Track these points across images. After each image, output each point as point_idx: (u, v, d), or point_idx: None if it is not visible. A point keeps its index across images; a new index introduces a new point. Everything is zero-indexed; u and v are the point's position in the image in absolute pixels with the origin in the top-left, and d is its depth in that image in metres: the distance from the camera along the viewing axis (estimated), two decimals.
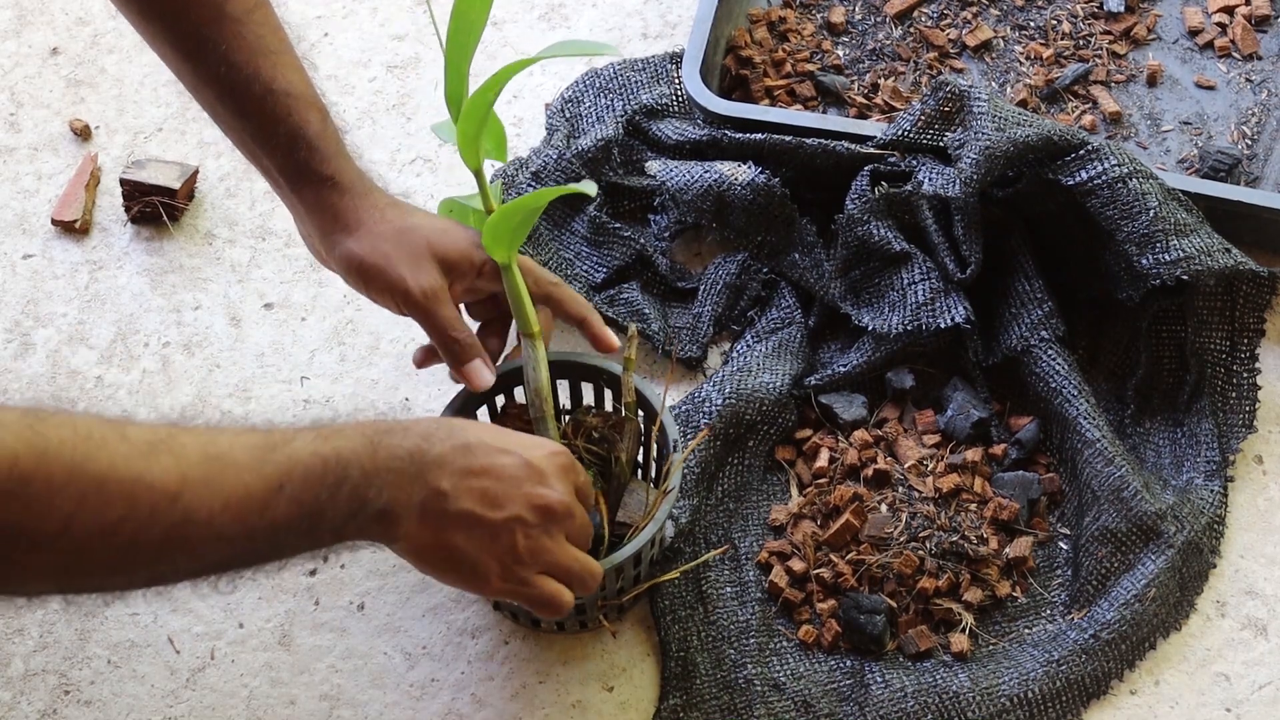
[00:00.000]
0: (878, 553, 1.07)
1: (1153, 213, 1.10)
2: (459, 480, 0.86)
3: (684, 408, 1.13)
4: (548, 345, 1.04)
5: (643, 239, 1.23)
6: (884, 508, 1.09)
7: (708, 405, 1.12)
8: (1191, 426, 1.14)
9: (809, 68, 1.33)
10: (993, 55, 1.35)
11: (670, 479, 0.99)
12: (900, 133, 1.17)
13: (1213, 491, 1.11)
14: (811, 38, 1.36)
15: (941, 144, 1.16)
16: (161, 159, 1.29)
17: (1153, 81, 1.33)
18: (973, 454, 1.11)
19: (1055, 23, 1.36)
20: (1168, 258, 1.09)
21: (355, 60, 1.38)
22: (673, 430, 1.01)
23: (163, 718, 1.04)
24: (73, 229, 1.27)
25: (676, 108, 1.30)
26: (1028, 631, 1.07)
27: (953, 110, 1.16)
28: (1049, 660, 1.04)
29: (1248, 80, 1.33)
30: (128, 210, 1.27)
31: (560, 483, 0.90)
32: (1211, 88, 1.32)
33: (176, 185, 1.26)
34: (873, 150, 1.18)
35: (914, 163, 1.16)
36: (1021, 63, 1.34)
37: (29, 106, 1.35)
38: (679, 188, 1.20)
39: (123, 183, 1.27)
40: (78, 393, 1.19)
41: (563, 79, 1.35)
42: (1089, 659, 1.04)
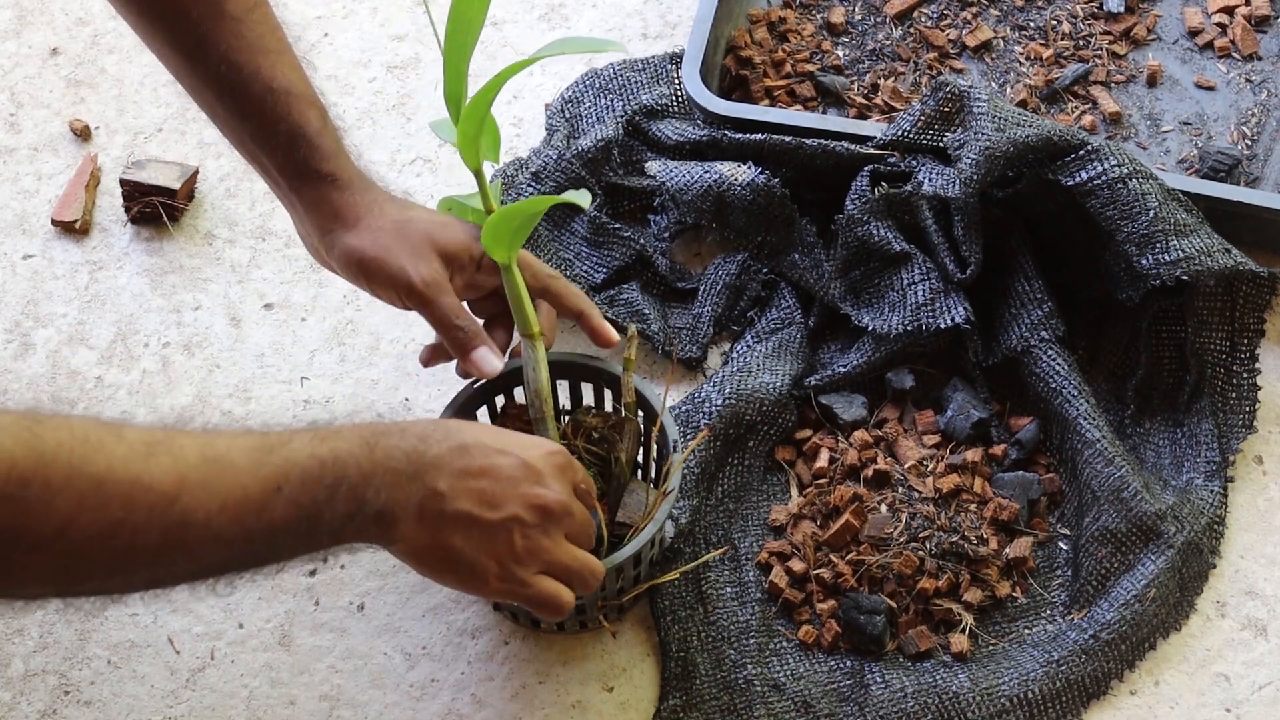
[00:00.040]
0: (878, 553, 1.07)
1: (1153, 213, 1.10)
2: (456, 481, 0.86)
3: (684, 408, 1.13)
4: (550, 346, 1.04)
5: (643, 239, 1.23)
6: (884, 508, 1.09)
7: (708, 405, 1.12)
8: (1191, 427, 1.14)
9: (809, 68, 1.33)
10: (993, 55, 1.35)
11: (670, 479, 0.99)
12: (900, 133, 1.17)
13: (1213, 492, 1.11)
14: (811, 38, 1.36)
15: (941, 144, 1.16)
16: (161, 159, 1.29)
17: (1153, 82, 1.33)
18: (973, 454, 1.11)
19: (1055, 23, 1.36)
20: (1168, 258, 1.09)
21: (355, 60, 1.38)
22: (673, 431, 1.01)
23: (163, 718, 1.04)
24: (73, 229, 1.27)
25: (676, 108, 1.30)
26: (1028, 632, 1.07)
27: (953, 110, 1.16)
28: (1049, 660, 1.04)
29: (1248, 80, 1.33)
30: (128, 210, 1.27)
31: (557, 482, 0.90)
32: (1211, 88, 1.32)
33: (176, 185, 1.26)
34: (873, 150, 1.18)
35: (914, 163, 1.16)
36: (1021, 63, 1.34)
37: (29, 106, 1.35)
38: (679, 188, 1.20)
39: (123, 183, 1.27)
40: (78, 393, 1.19)
41: (563, 79, 1.35)
42: (1089, 659, 1.04)
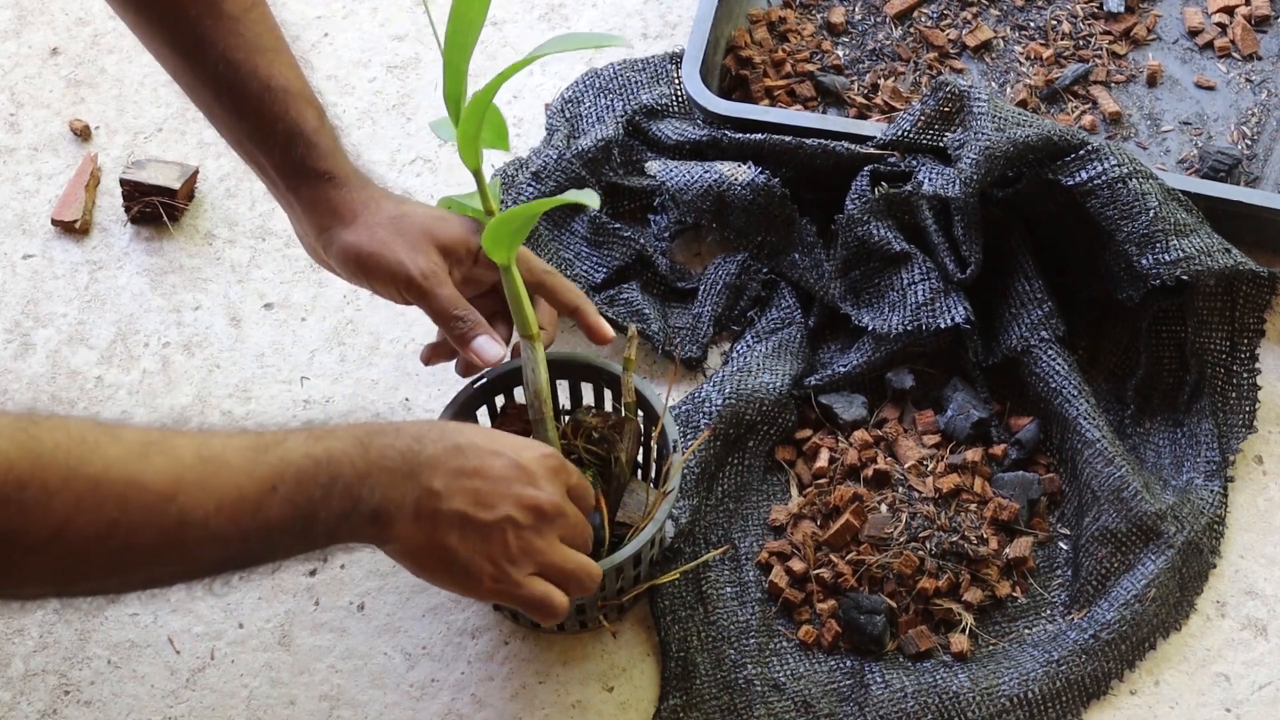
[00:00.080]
0: (878, 553, 1.07)
1: (1153, 213, 1.10)
2: (451, 481, 0.86)
3: (684, 408, 1.13)
4: (551, 342, 1.04)
5: (643, 239, 1.23)
6: (884, 508, 1.09)
7: (708, 405, 1.12)
8: (1191, 426, 1.14)
9: (809, 68, 1.33)
10: (993, 55, 1.35)
11: (670, 479, 0.99)
12: (900, 133, 1.17)
13: (1213, 492, 1.11)
14: (811, 38, 1.36)
15: (941, 144, 1.16)
16: (161, 159, 1.29)
17: (1153, 82, 1.33)
18: (973, 454, 1.11)
19: (1055, 23, 1.36)
20: (1168, 258, 1.09)
21: (355, 60, 1.38)
22: (673, 431, 1.01)
23: (163, 718, 1.04)
24: (73, 229, 1.27)
25: (676, 108, 1.30)
26: (1028, 632, 1.07)
27: (953, 110, 1.16)
28: (1049, 660, 1.04)
29: (1248, 80, 1.33)
30: (128, 210, 1.27)
31: (550, 484, 0.90)
32: (1211, 88, 1.32)
33: (176, 185, 1.26)
34: (873, 150, 1.18)
35: (914, 163, 1.16)
36: (1021, 63, 1.34)
37: (29, 106, 1.35)
38: (679, 188, 1.20)
39: (123, 183, 1.27)
40: (77, 393, 1.19)
41: (563, 79, 1.35)
42: (1089, 659, 1.04)
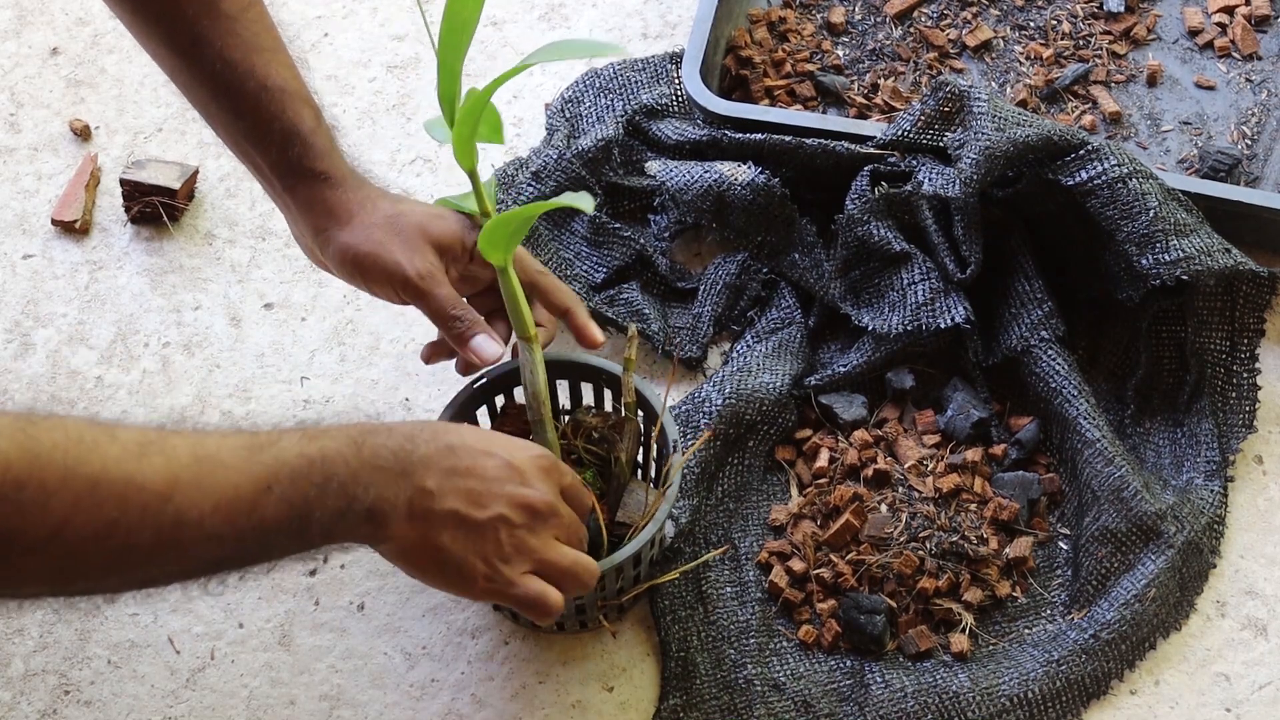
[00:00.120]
0: (878, 553, 1.07)
1: (1153, 213, 1.10)
2: (444, 480, 0.86)
3: (684, 408, 1.13)
4: (550, 340, 1.04)
5: (643, 239, 1.23)
6: (884, 508, 1.09)
7: (708, 405, 1.12)
8: (1191, 426, 1.14)
9: (809, 68, 1.33)
10: (993, 55, 1.35)
11: (670, 479, 0.99)
12: (900, 133, 1.17)
13: (1213, 491, 1.11)
14: (811, 38, 1.36)
15: (941, 144, 1.16)
16: (161, 159, 1.29)
17: (1153, 81, 1.33)
18: (973, 454, 1.11)
19: (1055, 23, 1.36)
20: (1168, 258, 1.09)
21: (355, 60, 1.38)
22: (673, 431, 1.01)
23: (163, 718, 1.04)
24: (73, 229, 1.27)
25: (676, 108, 1.30)
26: (1028, 631, 1.07)
27: (953, 110, 1.16)
28: (1049, 660, 1.04)
29: (1248, 80, 1.33)
30: (128, 210, 1.27)
31: (542, 483, 0.90)
32: (1211, 88, 1.32)
33: (176, 185, 1.26)
34: (873, 150, 1.18)
35: (914, 163, 1.16)
36: (1021, 63, 1.34)
37: (29, 106, 1.35)
38: (679, 188, 1.20)
39: (123, 183, 1.27)
40: (77, 393, 1.19)
41: (563, 79, 1.35)
42: (1089, 659, 1.04)
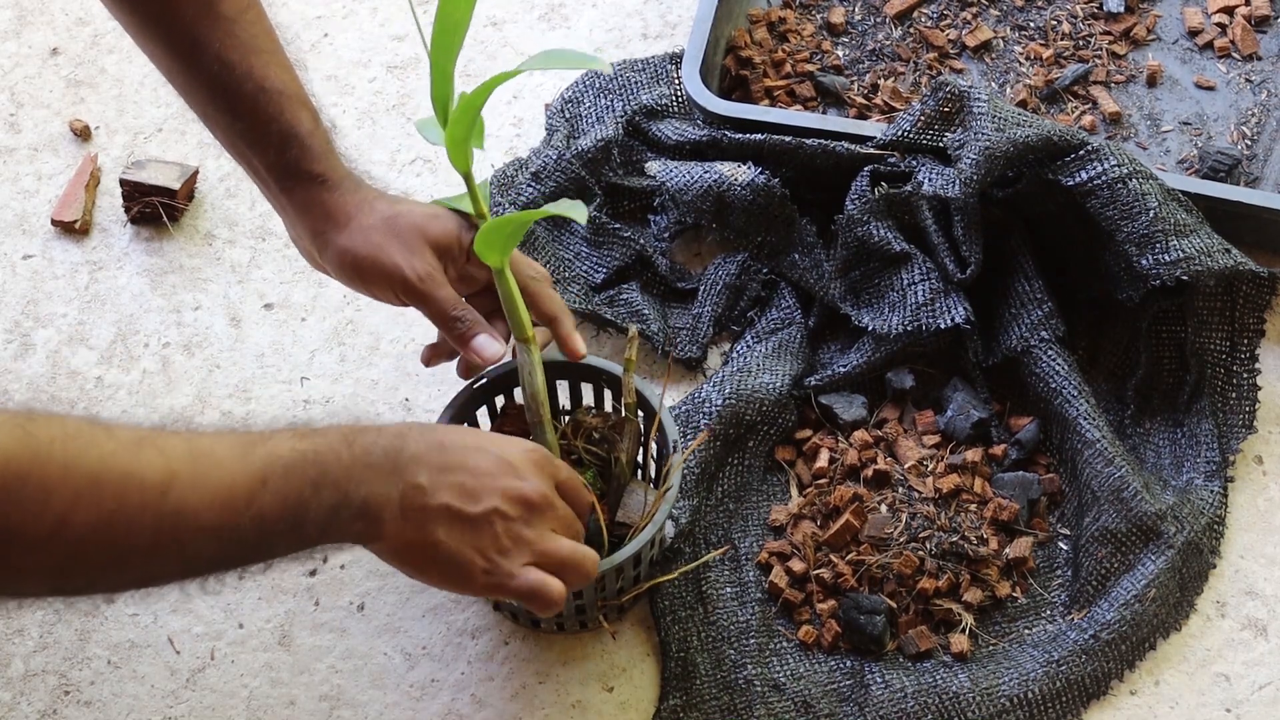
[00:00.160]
0: (878, 553, 1.07)
1: (1153, 213, 1.10)
2: (435, 475, 0.86)
3: (684, 408, 1.13)
4: (549, 342, 1.04)
5: (643, 239, 1.23)
6: (884, 508, 1.09)
7: (708, 406, 1.12)
8: (1191, 427, 1.14)
9: (809, 68, 1.33)
10: (992, 55, 1.35)
11: (670, 479, 0.99)
12: (900, 133, 1.17)
13: (1213, 492, 1.11)
14: (811, 38, 1.36)
15: (941, 144, 1.16)
16: (161, 159, 1.29)
17: (1152, 82, 1.33)
18: (973, 454, 1.11)
19: (1055, 23, 1.36)
20: (1168, 258, 1.09)
21: (355, 60, 1.38)
22: (672, 431, 1.01)
23: (163, 718, 1.04)
24: (73, 229, 1.27)
25: (676, 108, 1.30)
26: (1028, 632, 1.07)
27: (953, 110, 1.16)
28: (1049, 660, 1.04)
29: (1247, 80, 1.33)
30: (128, 210, 1.27)
31: (536, 476, 0.90)
32: (1211, 88, 1.32)
33: (176, 185, 1.26)
34: (873, 150, 1.18)
35: (914, 163, 1.16)
36: (1021, 63, 1.34)
37: (29, 106, 1.35)
38: (679, 188, 1.20)
39: (123, 183, 1.27)
40: (77, 393, 1.19)
41: (563, 79, 1.35)
42: (1089, 659, 1.04)
